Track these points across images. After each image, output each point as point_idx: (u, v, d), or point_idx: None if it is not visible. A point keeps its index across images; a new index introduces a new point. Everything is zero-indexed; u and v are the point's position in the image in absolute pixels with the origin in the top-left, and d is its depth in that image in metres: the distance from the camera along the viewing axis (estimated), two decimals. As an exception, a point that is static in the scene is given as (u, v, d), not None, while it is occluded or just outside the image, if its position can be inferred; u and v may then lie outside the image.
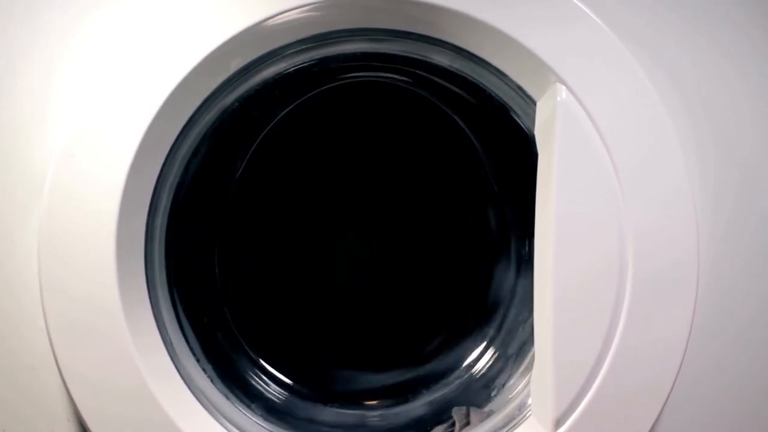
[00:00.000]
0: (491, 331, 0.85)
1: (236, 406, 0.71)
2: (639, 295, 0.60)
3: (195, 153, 0.68)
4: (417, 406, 0.83)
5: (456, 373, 0.84)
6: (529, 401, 0.67)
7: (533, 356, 0.64)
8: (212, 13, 0.60)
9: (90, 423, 0.60)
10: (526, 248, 0.82)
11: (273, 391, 0.81)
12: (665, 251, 0.60)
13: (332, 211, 0.87)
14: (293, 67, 0.68)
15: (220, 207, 0.82)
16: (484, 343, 0.85)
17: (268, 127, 0.80)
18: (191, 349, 0.70)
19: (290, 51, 0.66)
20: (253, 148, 0.81)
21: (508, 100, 0.69)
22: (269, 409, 0.76)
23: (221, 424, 0.65)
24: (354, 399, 0.84)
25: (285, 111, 0.80)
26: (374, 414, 0.83)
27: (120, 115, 0.59)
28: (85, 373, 0.59)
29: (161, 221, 0.66)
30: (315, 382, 0.84)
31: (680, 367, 0.60)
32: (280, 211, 0.86)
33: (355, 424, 0.82)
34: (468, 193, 0.86)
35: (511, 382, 0.76)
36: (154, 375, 0.60)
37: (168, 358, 0.64)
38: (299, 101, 0.79)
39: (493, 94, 0.69)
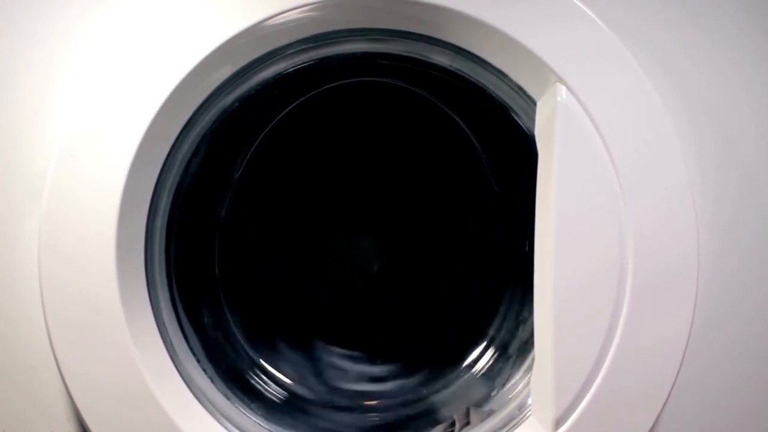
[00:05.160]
0: (491, 331, 0.85)
1: (236, 406, 0.71)
2: (639, 295, 0.60)
3: (195, 153, 0.68)
4: (417, 406, 0.83)
5: (456, 373, 0.84)
6: (529, 401, 0.67)
7: (533, 356, 0.64)
8: (212, 13, 0.60)
9: (90, 423, 0.60)
10: (526, 248, 0.82)
11: (273, 391, 0.81)
12: (665, 251, 0.60)
13: (333, 211, 0.87)
14: (293, 67, 0.68)
15: (220, 207, 0.82)
16: (484, 343, 0.85)
17: (268, 127, 0.80)
18: (191, 349, 0.70)
19: (290, 51, 0.66)
20: (253, 148, 0.81)
21: (508, 100, 0.69)
22: (269, 409, 0.76)
23: (221, 424, 0.65)
24: (354, 399, 0.84)
25: (285, 111, 0.80)
26: (374, 414, 0.83)
27: (120, 115, 0.59)
28: (85, 373, 0.59)
29: (161, 221, 0.66)
30: (315, 382, 0.84)
31: (680, 367, 0.60)
32: (280, 211, 0.86)
33: (355, 424, 0.82)
34: (468, 193, 0.86)
35: (511, 382, 0.76)
36: (154, 375, 0.60)
37: (168, 358, 0.64)
38: (299, 101, 0.79)
39: (493, 94, 0.69)
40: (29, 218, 0.63)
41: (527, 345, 0.77)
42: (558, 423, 0.60)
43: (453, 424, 0.74)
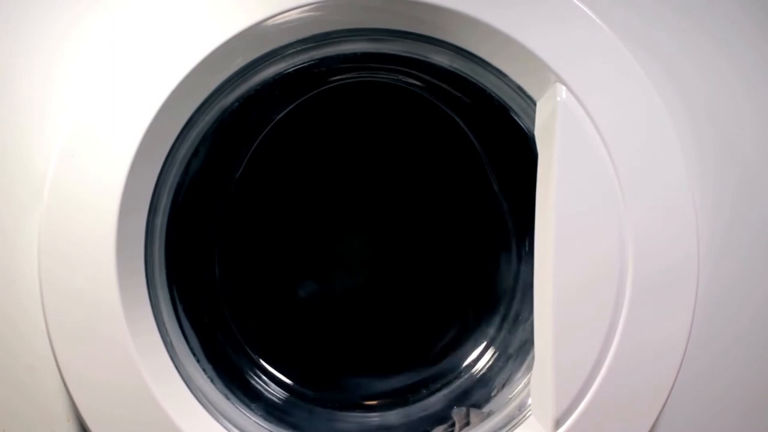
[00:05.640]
0: (491, 331, 0.85)
1: (236, 406, 0.71)
2: (639, 295, 0.60)
3: (195, 153, 0.68)
4: (417, 406, 0.83)
5: (456, 373, 0.84)
6: (529, 401, 0.67)
7: (533, 356, 0.64)
8: (212, 13, 0.60)
9: (90, 423, 0.60)
10: (526, 248, 0.82)
11: (273, 391, 0.81)
12: (665, 251, 0.60)
13: (333, 211, 0.87)
14: (293, 67, 0.68)
15: (220, 207, 0.82)
16: (485, 343, 0.85)
17: (268, 127, 0.80)
18: (191, 349, 0.70)
19: (290, 51, 0.66)
20: (253, 148, 0.81)
21: (508, 100, 0.69)
22: (269, 409, 0.76)
23: (221, 424, 0.65)
24: (354, 399, 0.84)
25: (285, 111, 0.80)
26: (374, 414, 0.83)
27: (120, 115, 0.59)
28: (85, 373, 0.59)
29: (161, 221, 0.66)
30: (315, 382, 0.84)
31: (680, 367, 0.60)
32: (280, 211, 0.86)
33: (354, 424, 0.82)
34: (468, 193, 0.86)
35: (511, 382, 0.76)
36: (154, 375, 0.60)
37: (168, 358, 0.64)
38: (299, 101, 0.79)
39: (493, 94, 0.69)
40: (29, 218, 0.63)
41: (527, 345, 0.77)
42: (558, 423, 0.60)
43: (453, 424, 0.74)
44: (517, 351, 0.80)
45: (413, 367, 0.87)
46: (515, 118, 0.70)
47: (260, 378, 0.81)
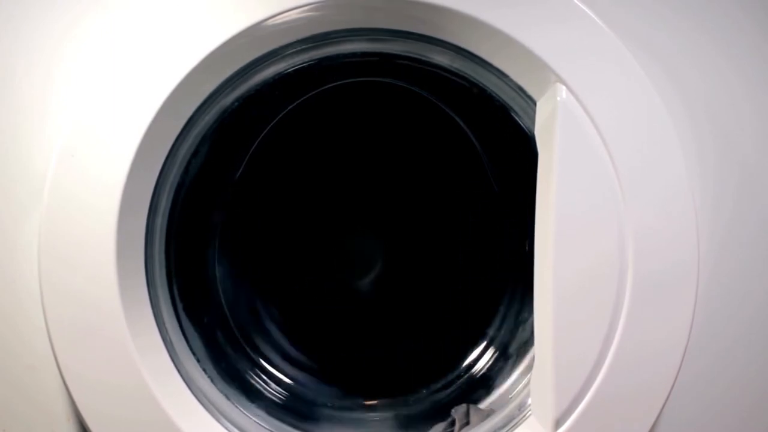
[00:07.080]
0: (491, 331, 0.85)
1: (236, 406, 0.71)
2: (639, 295, 0.60)
3: (195, 153, 0.68)
4: (417, 406, 0.83)
5: (456, 373, 0.84)
6: (529, 401, 0.67)
7: (533, 356, 0.64)
8: (212, 13, 0.60)
9: (90, 423, 0.60)
10: (526, 248, 0.82)
11: (273, 391, 0.81)
12: (665, 251, 0.60)
13: (332, 211, 0.87)
14: (293, 67, 0.68)
15: (220, 207, 0.82)
16: (484, 343, 0.85)
17: (268, 127, 0.80)
18: (191, 349, 0.70)
19: (290, 51, 0.66)
20: (253, 148, 0.81)
21: (508, 100, 0.69)
22: (269, 409, 0.76)
23: (221, 424, 0.65)
24: (353, 399, 0.84)
25: (285, 111, 0.80)
26: (374, 414, 0.83)
27: (120, 115, 0.59)
28: (85, 373, 0.59)
29: (161, 221, 0.66)
30: (314, 382, 0.84)
31: (680, 367, 0.60)
32: (280, 211, 0.86)
33: (354, 423, 0.82)
34: (468, 193, 0.86)
35: (511, 381, 0.76)
36: (154, 375, 0.60)
37: (168, 358, 0.64)
38: (299, 101, 0.79)
39: (493, 94, 0.69)
40: (29, 218, 0.63)
41: (527, 345, 0.77)
42: (558, 423, 0.60)
43: (453, 423, 0.74)
44: (517, 351, 0.80)
45: (414, 367, 0.87)
46: (515, 118, 0.70)
47: (260, 378, 0.81)
